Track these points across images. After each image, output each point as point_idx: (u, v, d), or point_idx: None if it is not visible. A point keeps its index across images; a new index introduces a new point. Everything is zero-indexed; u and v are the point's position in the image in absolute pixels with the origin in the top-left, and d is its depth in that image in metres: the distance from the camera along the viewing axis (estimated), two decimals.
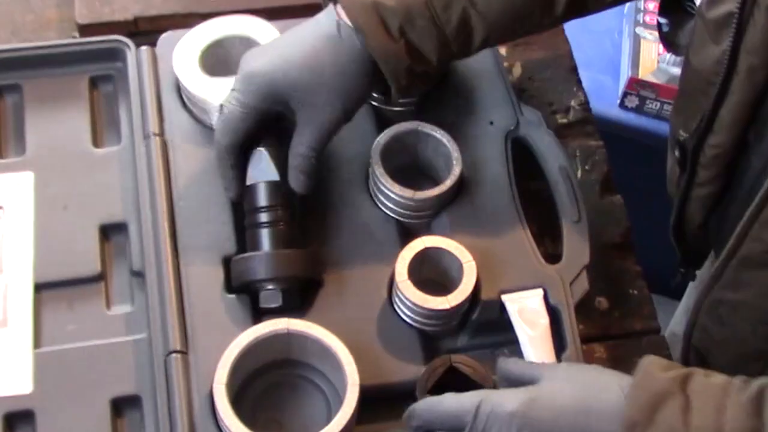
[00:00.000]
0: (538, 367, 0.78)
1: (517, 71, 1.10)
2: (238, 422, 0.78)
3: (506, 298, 0.87)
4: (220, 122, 0.87)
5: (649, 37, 1.63)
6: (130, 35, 1.01)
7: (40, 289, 0.88)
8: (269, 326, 0.82)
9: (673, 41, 1.56)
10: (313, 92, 0.85)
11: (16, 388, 0.83)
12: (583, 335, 0.89)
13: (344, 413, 0.79)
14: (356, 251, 0.90)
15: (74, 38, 1.06)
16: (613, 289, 0.99)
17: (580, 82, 1.11)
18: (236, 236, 0.89)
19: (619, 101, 1.63)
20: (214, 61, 0.97)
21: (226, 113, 0.86)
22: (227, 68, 0.94)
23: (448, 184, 0.91)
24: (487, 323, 0.87)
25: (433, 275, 0.88)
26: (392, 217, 0.92)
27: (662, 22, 1.57)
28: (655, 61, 1.61)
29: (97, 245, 0.90)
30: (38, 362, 0.84)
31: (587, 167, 1.06)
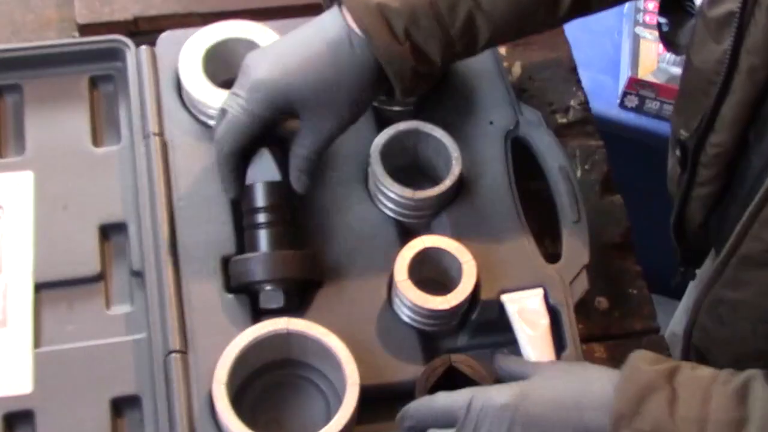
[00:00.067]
0: (530, 363, 0.81)
1: (517, 71, 1.10)
2: (238, 422, 0.78)
3: (506, 298, 0.87)
4: (223, 127, 0.85)
5: (648, 36, 1.63)
6: (130, 35, 1.01)
7: (39, 289, 0.88)
8: (269, 326, 0.82)
9: (672, 41, 1.56)
10: (318, 100, 0.84)
11: (15, 388, 0.83)
12: (583, 335, 0.90)
13: (344, 413, 0.79)
14: (356, 251, 0.90)
15: (74, 38, 1.06)
16: (613, 289, 0.99)
17: (579, 81, 1.11)
18: (236, 236, 0.89)
19: (618, 101, 1.63)
20: (217, 63, 0.97)
21: (230, 119, 0.85)
22: (230, 70, 0.94)
23: (447, 183, 0.91)
24: (486, 323, 0.87)
25: (432, 275, 0.88)
26: (392, 217, 0.92)
27: (662, 21, 1.57)
28: (654, 60, 1.61)
29: (96, 245, 0.90)
30: (38, 362, 0.84)
31: (587, 167, 1.05)
